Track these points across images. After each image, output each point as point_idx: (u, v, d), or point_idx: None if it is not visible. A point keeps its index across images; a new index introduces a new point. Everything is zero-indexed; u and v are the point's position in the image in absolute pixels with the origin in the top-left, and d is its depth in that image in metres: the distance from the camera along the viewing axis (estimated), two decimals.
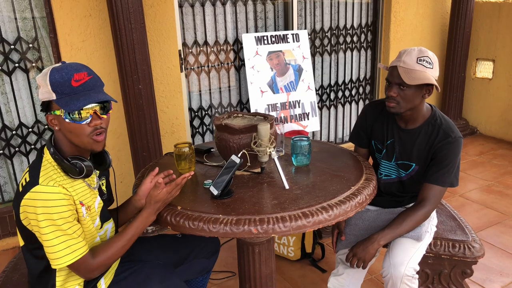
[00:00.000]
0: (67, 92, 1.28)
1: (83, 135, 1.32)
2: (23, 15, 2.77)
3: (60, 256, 1.27)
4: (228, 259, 2.70)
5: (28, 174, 1.30)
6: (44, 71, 1.30)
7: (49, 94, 1.28)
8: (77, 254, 1.29)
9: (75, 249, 1.28)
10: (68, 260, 1.28)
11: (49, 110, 1.32)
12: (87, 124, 1.31)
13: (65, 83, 1.27)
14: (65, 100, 1.27)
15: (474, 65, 4.85)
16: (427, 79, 1.65)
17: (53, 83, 1.27)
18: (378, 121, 1.93)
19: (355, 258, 1.75)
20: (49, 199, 1.23)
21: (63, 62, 1.32)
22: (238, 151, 1.65)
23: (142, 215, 1.45)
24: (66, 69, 1.29)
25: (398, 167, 1.89)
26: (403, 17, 4.36)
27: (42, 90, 1.30)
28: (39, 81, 1.31)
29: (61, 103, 1.27)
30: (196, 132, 3.60)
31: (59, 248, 1.26)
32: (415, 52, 1.68)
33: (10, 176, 2.98)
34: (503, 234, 2.87)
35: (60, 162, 1.32)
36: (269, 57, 3.42)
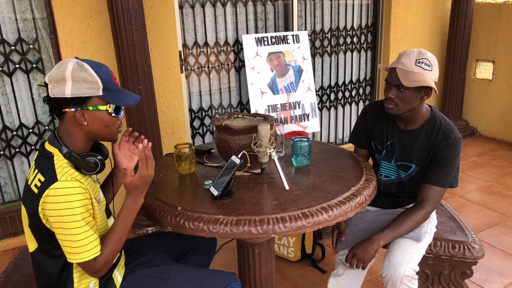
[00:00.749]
0: (113, 89, 1.35)
1: (114, 128, 1.40)
2: (23, 16, 2.77)
3: (81, 251, 1.27)
4: (228, 259, 2.70)
5: (40, 175, 1.29)
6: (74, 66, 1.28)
7: (95, 90, 1.30)
8: (96, 251, 1.30)
9: (94, 245, 1.29)
10: (88, 256, 1.28)
11: (78, 105, 1.30)
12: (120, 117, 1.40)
13: (110, 80, 1.33)
14: (114, 95, 1.34)
15: (474, 66, 4.86)
16: (425, 81, 1.65)
17: (103, 80, 1.31)
18: (378, 122, 1.93)
19: (355, 258, 1.75)
20: (70, 194, 1.24)
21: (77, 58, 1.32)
22: (238, 151, 1.65)
23: (127, 203, 1.39)
24: (103, 66, 1.34)
25: (398, 168, 1.90)
26: (403, 18, 4.36)
27: (83, 85, 1.28)
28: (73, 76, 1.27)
29: (110, 99, 1.33)
30: (196, 133, 3.61)
31: (81, 244, 1.27)
32: (414, 54, 1.68)
33: (11, 177, 2.98)
34: (503, 235, 2.87)
35: (76, 160, 1.32)
36: (269, 58, 3.43)
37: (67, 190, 1.24)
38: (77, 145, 1.36)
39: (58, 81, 1.28)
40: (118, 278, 1.48)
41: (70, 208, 1.24)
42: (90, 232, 1.28)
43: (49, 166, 1.30)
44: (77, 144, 1.36)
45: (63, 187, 1.24)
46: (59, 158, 1.32)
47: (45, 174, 1.28)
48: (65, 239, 1.27)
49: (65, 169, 1.30)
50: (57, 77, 1.28)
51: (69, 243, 1.27)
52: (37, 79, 2.91)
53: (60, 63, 1.32)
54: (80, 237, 1.26)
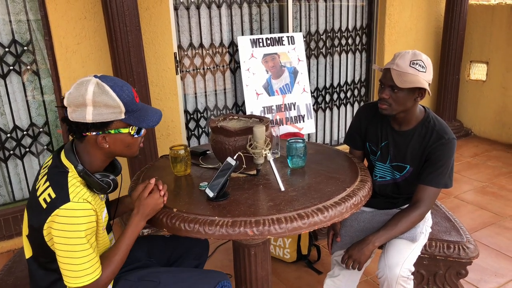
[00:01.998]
0: (135, 109, 1.32)
1: (136, 146, 1.39)
2: (17, 18, 2.76)
3: (82, 275, 1.25)
4: (224, 261, 2.70)
5: (51, 190, 1.26)
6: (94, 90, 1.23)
7: (118, 114, 1.27)
8: (96, 274, 1.28)
9: (96, 268, 1.28)
10: (89, 280, 1.26)
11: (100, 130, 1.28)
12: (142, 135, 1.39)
13: (132, 101, 1.30)
14: (136, 117, 1.32)
15: (468, 67, 4.89)
16: (418, 83, 1.66)
17: (125, 103, 1.28)
18: (372, 123, 1.94)
19: (351, 259, 1.76)
20: (81, 216, 1.22)
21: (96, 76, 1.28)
22: (233, 153, 1.65)
23: (132, 222, 1.42)
24: (125, 86, 1.30)
25: (392, 169, 1.91)
26: (397, 19, 4.38)
27: (104, 110, 1.25)
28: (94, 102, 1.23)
29: (133, 121, 1.31)
30: (191, 134, 3.60)
31: (83, 267, 1.24)
32: (409, 55, 1.69)
33: (5, 180, 2.96)
34: (497, 235, 2.89)
35: (90, 180, 1.30)
36: (265, 59, 3.43)
37: (78, 212, 1.22)
38: (95, 163, 1.35)
39: (78, 105, 1.25)
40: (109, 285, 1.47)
41: (78, 231, 1.22)
42: (92, 255, 1.27)
43: (63, 182, 1.27)
44: (95, 163, 1.35)
45: (74, 209, 1.22)
46: (73, 176, 1.29)
47: (57, 190, 1.25)
48: (67, 262, 1.24)
49: (78, 189, 1.27)
50: (77, 101, 1.24)
51: (70, 266, 1.24)
52: (27, 77, 2.89)
53: (80, 83, 1.26)
54: (83, 260, 1.24)
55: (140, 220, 1.43)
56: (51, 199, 1.24)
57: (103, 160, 1.37)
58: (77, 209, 1.22)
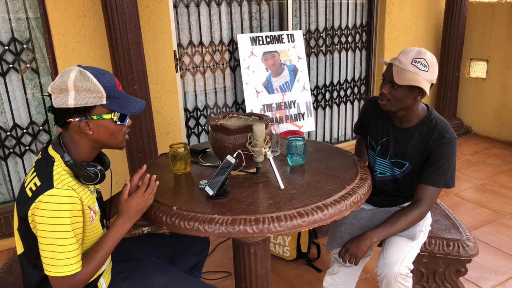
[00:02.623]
0: (117, 96, 1.34)
1: (121, 135, 1.40)
2: (17, 16, 2.75)
3: (62, 264, 1.23)
4: (223, 259, 2.70)
5: (37, 179, 1.27)
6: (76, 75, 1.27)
7: (99, 99, 1.29)
8: (77, 267, 1.26)
9: (77, 260, 1.26)
10: (68, 271, 1.24)
11: (82, 115, 1.29)
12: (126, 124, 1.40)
13: (114, 88, 1.32)
14: (118, 103, 1.34)
15: (468, 65, 4.88)
16: (416, 81, 1.65)
17: (106, 88, 1.29)
18: (374, 118, 1.94)
19: (347, 253, 1.76)
20: (64, 202, 1.22)
21: (80, 66, 1.31)
22: (233, 151, 1.65)
23: (116, 224, 1.40)
24: (107, 74, 1.32)
25: (392, 165, 1.91)
26: (397, 17, 4.38)
27: (85, 95, 1.27)
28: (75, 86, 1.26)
29: (114, 107, 1.33)
30: (191, 132, 3.60)
31: (65, 256, 1.23)
32: (413, 53, 1.67)
33: (5, 178, 2.96)
34: (497, 233, 2.89)
35: (76, 169, 1.31)
36: (264, 57, 3.43)
37: (61, 199, 1.22)
38: (81, 153, 1.35)
39: (60, 91, 1.27)
40: (103, 286, 1.47)
41: (61, 217, 1.22)
42: (75, 245, 1.25)
43: (48, 171, 1.28)
44: (81, 153, 1.35)
45: (57, 195, 1.22)
46: (59, 165, 1.30)
47: (42, 178, 1.26)
48: (48, 249, 1.23)
49: (63, 176, 1.28)
50: (59, 87, 1.27)
51: (52, 254, 1.23)
52: (32, 83, 2.89)
53: (63, 72, 1.30)
54: (65, 249, 1.23)
55: (125, 222, 1.40)
56: (36, 187, 1.25)
57: (90, 150, 1.37)
58: (60, 195, 1.22)
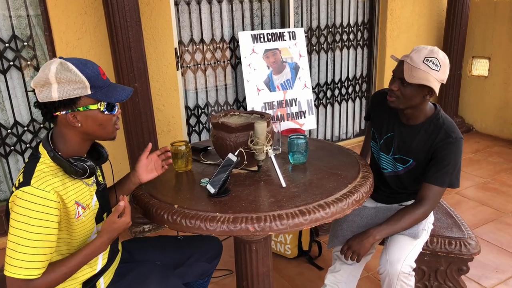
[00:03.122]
0: (102, 85, 1.30)
1: (110, 126, 1.36)
2: (17, 13, 2.75)
3: (16, 265, 1.18)
4: (225, 257, 2.69)
5: (22, 175, 1.26)
6: (57, 68, 1.23)
7: (83, 89, 1.25)
8: (30, 273, 1.19)
9: (35, 267, 1.20)
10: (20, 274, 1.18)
11: (68, 107, 1.26)
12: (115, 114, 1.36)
13: (97, 77, 1.28)
14: (103, 93, 1.30)
15: (470, 63, 4.87)
16: (426, 80, 1.64)
17: (89, 78, 1.26)
18: (380, 111, 1.94)
19: (350, 250, 1.76)
20: (36, 203, 1.18)
21: (62, 58, 1.28)
22: (235, 149, 1.65)
23: (95, 243, 1.33)
24: (89, 63, 1.29)
25: (395, 161, 1.90)
26: (399, 15, 4.36)
27: (69, 86, 1.23)
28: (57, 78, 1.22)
29: (100, 96, 1.29)
30: (192, 130, 3.60)
31: (21, 258, 1.18)
32: (426, 51, 1.66)
33: (6, 175, 2.96)
34: (498, 231, 2.89)
35: (63, 164, 1.28)
36: (266, 55, 3.42)
37: (33, 198, 1.18)
38: (72, 147, 1.33)
39: (43, 85, 1.24)
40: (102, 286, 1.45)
41: (28, 217, 1.17)
42: (38, 250, 1.19)
43: (32, 168, 1.26)
44: (72, 146, 1.33)
45: (30, 193, 1.18)
46: (44, 161, 1.28)
47: (25, 175, 1.24)
48: (10, 247, 1.19)
49: (43, 174, 1.24)
50: (41, 80, 1.24)
51: (11, 252, 1.19)
52: (31, 81, 2.88)
53: (44, 65, 1.26)
54: (24, 250, 1.18)
55: (104, 244, 1.35)
56: (19, 183, 1.23)
57: (80, 143, 1.34)
58: (33, 194, 1.18)
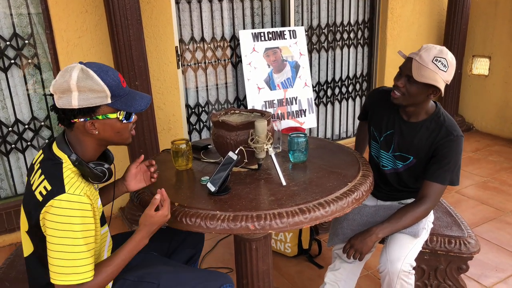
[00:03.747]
0: (122, 94, 1.30)
1: (127, 132, 1.37)
2: (18, 11, 2.75)
3: (69, 273, 1.19)
4: (225, 255, 2.70)
5: (47, 182, 1.23)
6: (79, 75, 1.22)
7: (103, 99, 1.25)
8: (86, 277, 1.21)
9: (88, 270, 1.22)
10: (75, 279, 1.20)
11: (87, 115, 1.26)
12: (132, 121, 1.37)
13: (118, 86, 1.28)
14: (123, 102, 1.30)
15: (471, 62, 4.87)
16: (434, 80, 1.65)
17: (110, 87, 1.25)
18: (380, 109, 1.94)
19: (352, 249, 1.76)
20: (76, 209, 1.19)
21: (81, 63, 1.26)
22: (235, 147, 1.65)
23: (135, 238, 1.37)
24: (110, 71, 1.28)
25: (395, 159, 1.90)
26: (400, 13, 4.36)
27: (90, 95, 1.22)
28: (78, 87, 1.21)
29: (119, 106, 1.29)
30: (193, 128, 3.60)
31: (73, 264, 1.19)
32: (435, 50, 1.67)
33: (7, 173, 2.97)
34: (498, 230, 2.89)
35: (85, 169, 1.28)
36: (266, 53, 3.42)
37: (73, 205, 1.19)
38: (88, 152, 1.33)
39: (63, 91, 1.23)
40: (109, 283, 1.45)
41: (72, 224, 1.18)
42: (86, 254, 1.21)
43: (57, 174, 1.24)
44: (88, 151, 1.33)
45: (69, 201, 1.19)
46: (68, 166, 1.27)
47: (52, 182, 1.22)
48: (56, 257, 1.19)
49: (73, 180, 1.24)
50: (62, 87, 1.22)
51: (59, 262, 1.19)
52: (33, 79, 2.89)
53: (65, 70, 1.25)
54: (73, 257, 1.19)
55: (145, 238, 1.38)
56: (46, 191, 1.21)
57: (96, 149, 1.35)
58: (72, 201, 1.19)
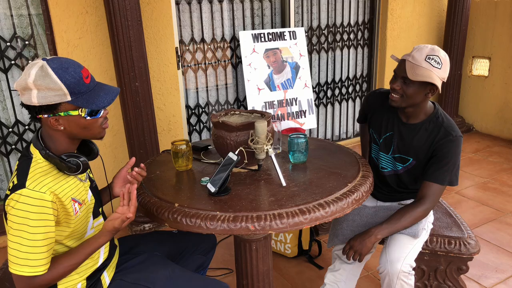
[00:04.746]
0: (84, 91, 1.27)
1: (96, 127, 1.34)
2: (19, 12, 2.75)
3: (22, 264, 1.22)
4: (225, 256, 2.70)
5: (16, 177, 1.26)
6: (37, 73, 1.21)
7: (62, 97, 1.24)
8: (38, 270, 1.24)
9: (40, 264, 1.24)
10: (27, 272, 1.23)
11: (50, 112, 1.26)
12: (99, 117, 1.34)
13: (79, 82, 1.26)
14: (84, 99, 1.27)
15: (471, 62, 4.87)
16: (430, 78, 1.66)
17: (68, 85, 1.24)
18: (379, 112, 1.94)
19: (352, 250, 1.76)
20: (32, 204, 1.20)
21: (44, 59, 1.25)
22: (235, 148, 1.65)
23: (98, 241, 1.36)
24: (71, 67, 1.25)
25: (394, 160, 1.91)
26: (399, 14, 4.36)
27: (48, 93, 1.22)
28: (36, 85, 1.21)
29: (81, 103, 1.27)
30: (193, 129, 3.60)
31: (26, 257, 1.22)
32: (427, 49, 1.69)
33: (7, 174, 2.97)
34: (498, 231, 2.89)
35: (56, 162, 1.29)
36: (266, 54, 3.43)
37: (29, 200, 1.20)
38: (60, 146, 1.33)
39: (24, 89, 1.23)
40: (106, 280, 1.47)
41: (28, 218, 1.20)
42: (41, 248, 1.23)
43: (25, 169, 1.26)
44: (60, 145, 1.33)
45: (26, 196, 1.20)
46: (37, 161, 1.29)
47: (19, 176, 1.25)
48: (13, 247, 1.22)
49: (38, 175, 1.25)
50: (22, 85, 1.23)
51: (15, 252, 1.22)
52: None
53: (27, 67, 1.25)
54: (27, 250, 1.21)
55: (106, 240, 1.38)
56: (13, 184, 1.24)
57: (68, 142, 1.35)
58: (29, 196, 1.20)
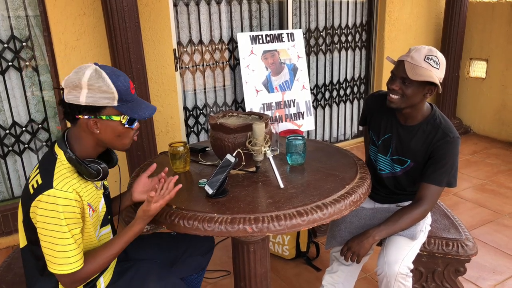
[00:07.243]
0: (129, 99, 1.34)
1: (128, 137, 1.40)
2: (16, 14, 2.75)
3: (61, 263, 1.26)
4: (223, 258, 2.70)
5: (39, 176, 1.28)
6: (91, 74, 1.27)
7: (110, 100, 1.29)
8: (76, 266, 1.28)
9: (76, 259, 1.28)
10: (67, 269, 1.27)
11: (92, 113, 1.29)
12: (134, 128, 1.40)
13: (127, 90, 1.32)
14: (129, 107, 1.33)
15: (468, 64, 4.88)
16: (430, 77, 1.67)
17: (119, 89, 1.29)
18: (377, 114, 1.95)
19: (350, 252, 1.77)
20: (61, 204, 1.23)
21: (96, 64, 1.30)
22: (233, 150, 1.65)
23: (133, 230, 1.42)
24: (122, 76, 1.32)
25: (393, 162, 1.91)
26: (397, 16, 4.38)
27: (98, 95, 1.27)
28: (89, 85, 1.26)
29: (125, 110, 1.32)
30: (191, 131, 3.60)
31: (63, 256, 1.25)
32: (425, 50, 1.70)
33: (4, 176, 2.96)
34: (496, 233, 2.89)
35: (78, 166, 1.31)
36: (264, 56, 3.43)
37: (59, 200, 1.23)
38: (85, 150, 1.36)
39: (74, 87, 1.27)
40: (102, 286, 1.47)
41: (58, 218, 1.23)
42: (73, 245, 1.27)
43: (50, 169, 1.29)
44: (85, 149, 1.36)
45: (55, 196, 1.23)
46: (62, 162, 1.31)
47: (44, 176, 1.27)
48: (48, 247, 1.26)
49: (63, 176, 1.28)
50: (73, 83, 1.27)
51: (51, 252, 1.26)
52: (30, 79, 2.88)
53: (79, 68, 1.30)
54: (62, 249, 1.25)
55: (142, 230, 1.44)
56: (37, 185, 1.26)
57: (94, 148, 1.38)
58: (58, 196, 1.23)
